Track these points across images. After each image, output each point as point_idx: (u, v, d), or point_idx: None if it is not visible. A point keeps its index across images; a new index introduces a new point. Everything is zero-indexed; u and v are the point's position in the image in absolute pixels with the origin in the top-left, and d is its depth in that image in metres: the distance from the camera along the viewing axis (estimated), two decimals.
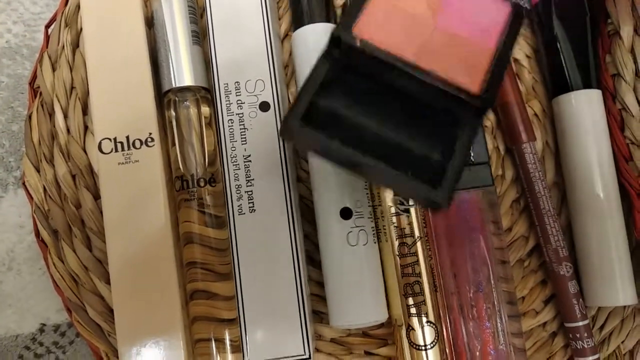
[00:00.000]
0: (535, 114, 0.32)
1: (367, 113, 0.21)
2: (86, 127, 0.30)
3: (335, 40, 0.20)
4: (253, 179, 0.27)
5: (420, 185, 0.19)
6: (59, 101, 0.31)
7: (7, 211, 0.31)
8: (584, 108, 0.30)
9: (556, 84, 0.31)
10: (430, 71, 0.20)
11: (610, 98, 0.31)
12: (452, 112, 0.20)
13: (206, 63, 0.29)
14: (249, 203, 0.27)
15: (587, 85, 0.30)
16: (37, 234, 0.30)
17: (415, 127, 0.21)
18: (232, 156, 0.27)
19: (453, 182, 0.19)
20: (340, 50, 0.21)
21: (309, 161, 0.28)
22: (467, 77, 0.20)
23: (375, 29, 0.21)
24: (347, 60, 0.21)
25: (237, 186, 0.27)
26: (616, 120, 0.31)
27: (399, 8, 0.21)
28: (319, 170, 0.28)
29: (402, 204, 0.27)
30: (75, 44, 0.31)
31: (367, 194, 0.28)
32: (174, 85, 0.28)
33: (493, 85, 0.20)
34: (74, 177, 0.30)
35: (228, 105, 0.28)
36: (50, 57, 0.31)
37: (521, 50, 0.33)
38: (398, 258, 0.27)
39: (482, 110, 0.20)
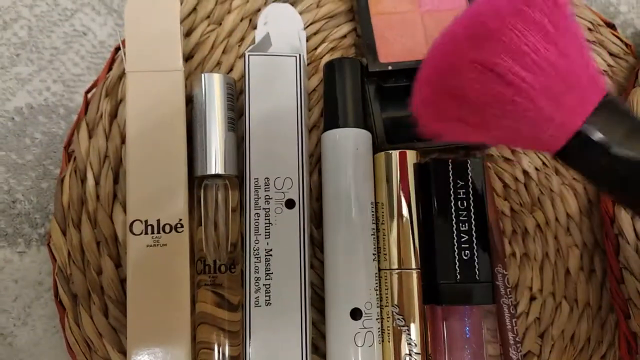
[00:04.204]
0: None
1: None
2: (115, 196, 0.32)
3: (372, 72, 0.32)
4: (272, 273, 0.29)
5: None
6: (92, 168, 0.32)
7: (28, 267, 0.32)
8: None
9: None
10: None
11: (609, 222, 0.33)
12: None
13: (238, 144, 0.31)
14: (265, 296, 0.29)
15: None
16: (56, 295, 0.31)
17: None
18: (254, 249, 0.29)
19: None
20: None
21: (325, 258, 0.30)
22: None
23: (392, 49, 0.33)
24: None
25: (256, 279, 0.29)
26: (612, 244, 0.33)
27: (394, 19, 0.33)
28: (333, 268, 0.29)
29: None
30: (114, 115, 0.33)
31: (377, 296, 0.29)
32: (206, 172, 0.30)
33: None
34: (98, 243, 0.31)
35: (256, 199, 0.29)
36: (87, 124, 0.32)
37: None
38: None
39: None
